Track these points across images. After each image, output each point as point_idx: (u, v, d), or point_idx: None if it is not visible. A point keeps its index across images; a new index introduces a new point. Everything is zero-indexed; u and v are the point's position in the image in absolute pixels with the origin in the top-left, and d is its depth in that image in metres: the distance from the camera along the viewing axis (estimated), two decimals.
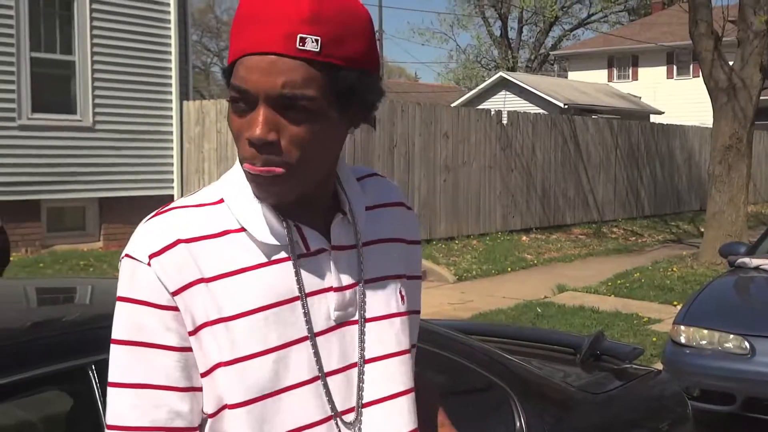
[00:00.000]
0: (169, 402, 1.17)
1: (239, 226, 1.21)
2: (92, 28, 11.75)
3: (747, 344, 5.22)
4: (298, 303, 1.21)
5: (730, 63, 12.38)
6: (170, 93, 12.80)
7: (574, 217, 16.81)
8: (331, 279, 1.24)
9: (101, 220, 12.14)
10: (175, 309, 1.17)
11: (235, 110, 1.16)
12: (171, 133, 12.89)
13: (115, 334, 1.19)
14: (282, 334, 1.19)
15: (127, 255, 1.20)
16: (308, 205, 1.23)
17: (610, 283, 10.75)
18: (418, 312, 1.43)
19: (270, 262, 1.21)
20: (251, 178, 1.17)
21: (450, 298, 9.73)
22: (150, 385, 1.17)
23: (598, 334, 3.44)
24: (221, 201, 1.23)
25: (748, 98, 12.16)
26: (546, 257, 13.20)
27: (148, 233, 1.19)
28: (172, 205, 1.23)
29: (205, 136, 12.88)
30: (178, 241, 1.18)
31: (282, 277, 1.21)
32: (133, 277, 1.18)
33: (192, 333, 1.18)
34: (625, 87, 36.29)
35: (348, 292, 1.25)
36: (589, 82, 34.39)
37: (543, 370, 2.95)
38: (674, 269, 11.74)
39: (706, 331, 5.42)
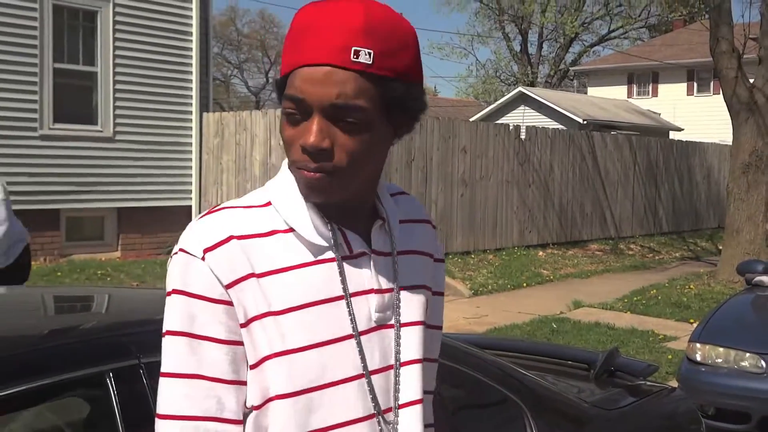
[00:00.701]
0: (218, 393, 1.21)
1: (286, 227, 1.27)
2: (115, 39, 11.87)
3: (763, 363, 5.20)
4: (343, 302, 1.26)
5: (751, 80, 12.34)
6: (190, 105, 12.89)
7: (592, 233, 16.76)
8: (372, 281, 1.30)
9: (119, 230, 12.23)
10: (229, 303, 1.21)
11: (289, 120, 1.22)
12: (190, 144, 12.97)
13: (168, 325, 1.23)
14: (328, 330, 1.24)
15: (181, 249, 1.24)
16: (352, 212, 1.29)
17: (626, 300, 10.70)
18: (441, 327, 1.49)
19: (316, 262, 1.26)
20: (304, 181, 1.22)
21: (465, 312, 9.72)
22: (201, 376, 1.21)
23: (612, 350, 3.44)
24: (269, 204, 1.29)
25: None
26: (562, 273, 13.16)
27: (201, 230, 1.24)
28: (222, 206, 1.29)
29: (224, 148, 12.95)
30: (230, 238, 1.23)
31: (328, 277, 1.26)
32: (187, 270, 1.22)
33: (243, 325, 1.22)
34: (644, 103, 36.17)
35: (386, 296, 1.31)
36: (609, 98, 34.30)
37: (557, 386, 2.95)
38: (691, 287, 11.68)
39: (722, 349, 5.40)
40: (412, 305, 1.35)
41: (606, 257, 15.11)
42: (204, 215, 1.27)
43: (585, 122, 26.75)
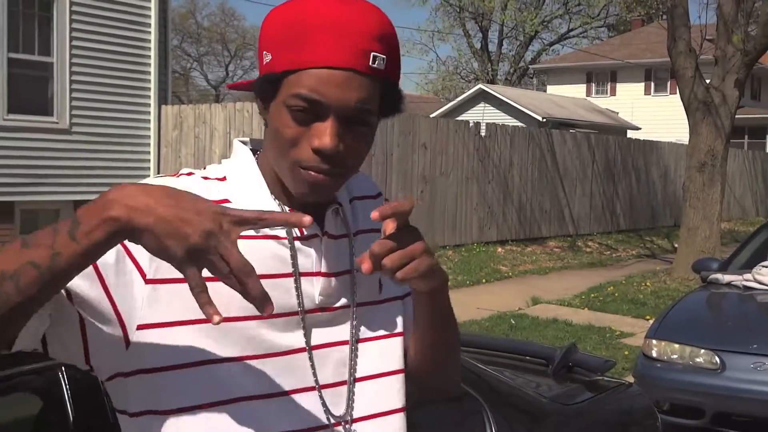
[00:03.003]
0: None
1: (236, 203, 1.24)
2: (71, 30, 11.69)
3: (717, 359, 5.27)
4: (291, 279, 1.24)
5: (708, 81, 12.51)
6: (149, 97, 12.74)
7: (550, 230, 16.89)
8: (320, 265, 1.27)
9: None
10: (136, 262, 1.14)
11: (294, 118, 1.18)
12: (148, 137, 12.83)
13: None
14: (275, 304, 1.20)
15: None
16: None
17: (583, 297, 10.80)
18: (407, 294, 1.43)
19: (266, 236, 1.24)
20: (309, 182, 1.20)
21: None
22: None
23: (570, 346, 3.46)
24: (224, 179, 1.28)
25: (724, 115, 12.30)
26: (521, 269, 13.25)
27: (156, 183, 1.19)
28: (182, 172, 1.28)
29: (183, 141, 12.83)
30: None
31: (276, 254, 1.24)
32: None
33: (149, 282, 1.15)
34: (603, 102, 36.56)
35: (334, 279, 1.28)
36: (568, 97, 34.60)
37: (515, 381, 2.96)
38: (648, 284, 11.82)
39: (677, 346, 5.47)
40: (367, 287, 1.34)
41: (564, 254, 15.24)
42: (162, 176, 1.27)
43: (544, 120, 26.95)
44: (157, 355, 1.16)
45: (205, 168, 1.32)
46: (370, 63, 1.16)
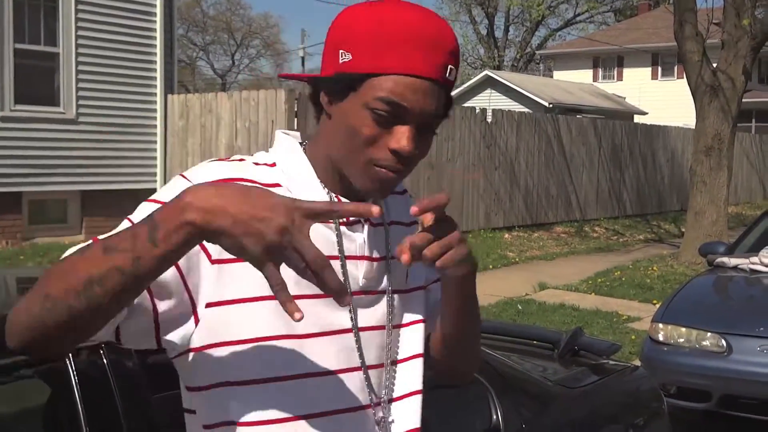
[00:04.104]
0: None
1: (286, 187, 1.31)
2: (77, 20, 11.70)
3: (724, 342, 5.28)
4: (337, 262, 1.31)
5: (714, 65, 12.46)
6: (155, 87, 12.75)
7: (557, 216, 16.87)
8: (364, 249, 1.35)
9: (83, 213, 12.10)
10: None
11: (376, 118, 1.24)
12: (155, 126, 12.85)
13: (135, 217, 1.25)
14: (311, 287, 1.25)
15: (182, 175, 1.26)
16: (351, 183, 1.33)
17: (590, 282, 10.81)
18: (432, 282, 1.51)
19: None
20: (382, 179, 1.27)
21: None
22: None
23: (576, 329, 3.47)
24: (274, 165, 1.34)
25: (732, 99, 12.25)
26: (528, 255, 13.25)
27: (210, 168, 1.27)
28: (234, 157, 1.33)
29: (189, 131, 12.84)
30: (235, 180, 1.25)
31: (324, 237, 1.31)
32: (175, 189, 1.17)
33: (215, 262, 1.22)
34: (609, 87, 36.45)
35: (375, 264, 1.36)
36: (575, 82, 34.50)
37: (522, 365, 2.97)
38: (654, 268, 11.81)
39: (684, 329, 5.47)
40: (400, 273, 1.42)
41: (571, 239, 15.23)
42: (215, 160, 1.31)
43: (551, 106, 26.89)
44: (225, 331, 1.23)
45: (252, 155, 1.37)
46: (446, 75, 1.26)
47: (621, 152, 19.01)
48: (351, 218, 1.30)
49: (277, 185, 1.30)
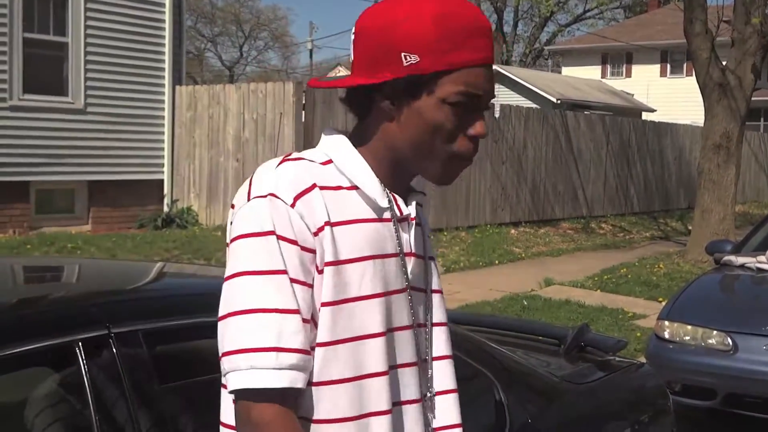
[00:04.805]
0: (302, 326, 1.28)
1: (349, 185, 1.36)
2: (86, 10, 11.71)
3: (730, 341, 5.27)
4: (395, 259, 1.38)
5: (724, 62, 12.42)
6: (163, 78, 12.76)
7: (563, 212, 16.86)
8: (411, 245, 1.41)
9: (90, 203, 12.12)
10: (314, 251, 1.29)
11: (455, 112, 1.31)
12: (163, 117, 12.86)
13: (256, 265, 1.27)
14: (384, 282, 1.35)
15: (271, 194, 1.28)
16: (400, 179, 1.41)
17: (596, 278, 10.79)
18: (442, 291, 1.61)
19: (378, 219, 1.36)
20: (462, 169, 1.37)
21: None
22: (291, 310, 1.26)
23: (582, 325, 3.47)
24: (330, 162, 1.37)
25: (740, 97, 12.21)
26: (534, 251, 13.24)
27: (288, 176, 1.31)
28: (296, 155, 1.36)
29: (197, 122, 12.85)
30: (314, 186, 1.30)
31: (384, 234, 1.37)
32: (278, 215, 1.27)
33: (320, 271, 1.30)
34: (618, 84, 36.36)
35: (418, 260, 1.42)
36: (583, 78, 34.43)
37: (527, 360, 2.97)
38: (661, 266, 11.80)
39: (690, 327, 5.46)
40: (434, 273, 1.50)
41: (577, 236, 15.22)
42: (283, 162, 1.34)
43: (559, 101, 26.84)
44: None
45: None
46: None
47: (629, 149, 18.97)
48: (404, 214, 1.39)
49: (339, 188, 1.34)
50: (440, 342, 1.48)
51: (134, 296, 2.32)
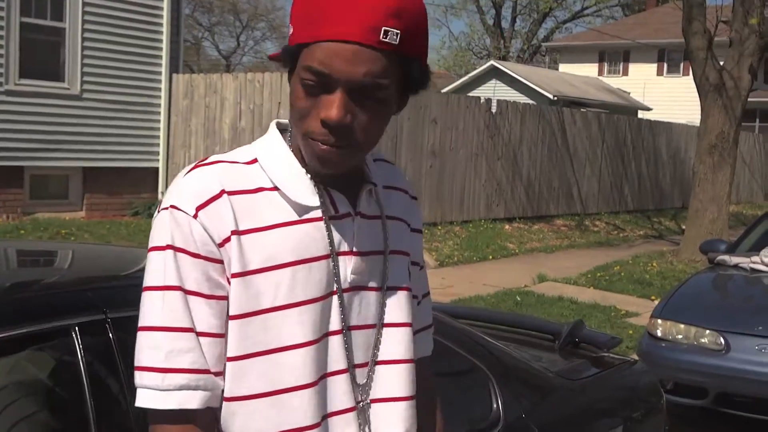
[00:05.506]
0: (206, 347, 1.23)
1: (272, 185, 1.28)
2: None
3: (722, 340, 5.28)
4: (328, 261, 1.28)
5: (721, 62, 12.43)
6: (160, 65, 12.72)
7: (558, 209, 16.87)
8: (353, 243, 1.31)
9: (84, 189, 12.09)
10: (220, 261, 1.23)
11: (306, 91, 1.20)
12: (159, 105, 12.83)
13: (156, 280, 1.23)
14: (307, 289, 1.26)
15: (172, 206, 1.23)
16: (341, 175, 1.29)
17: (589, 275, 10.81)
18: (427, 294, 1.56)
19: (301, 221, 1.27)
20: (317, 154, 1.22)
21: (430, 283, 9.59)
22: (191, 329, 1.22)
23: (577, 321, 3.47)
24: (254, 161, 1.30)
25: (737, 98, 12.22)
26: (528, 247, 13.25)
27: (191, 185, 1.24)
28: (211, 159, 1.29)
29: (193, 111, 12.82)
30: (222, 192, 1.24)
31: (312, 236, 1.27)
32: (179, 228, 1.22)
33: (228, 282, 1.24)
34: (615, 82, 36.36)
35: (365, 259, 1.32)
36: (580, 75, 34.43)
37: (522, 355, 2.97)
38: (654, 264, 11.82)
39: (682, 326, 5.48)
40: (397, 270, 1.38)
41: (571, 233, 15.23)
42: (192, 169, 1.27)
43: (555, 98, 26.85)
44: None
45: (226, 152, 1.34)
46: (381, 37, 1.16)
47: (624, 147, 18.99)
48: (340, 211, 1.30)
49: (259, 190, 1.27)
50: (393, 344, 1.35)
51: (131, 281, 2.32)
